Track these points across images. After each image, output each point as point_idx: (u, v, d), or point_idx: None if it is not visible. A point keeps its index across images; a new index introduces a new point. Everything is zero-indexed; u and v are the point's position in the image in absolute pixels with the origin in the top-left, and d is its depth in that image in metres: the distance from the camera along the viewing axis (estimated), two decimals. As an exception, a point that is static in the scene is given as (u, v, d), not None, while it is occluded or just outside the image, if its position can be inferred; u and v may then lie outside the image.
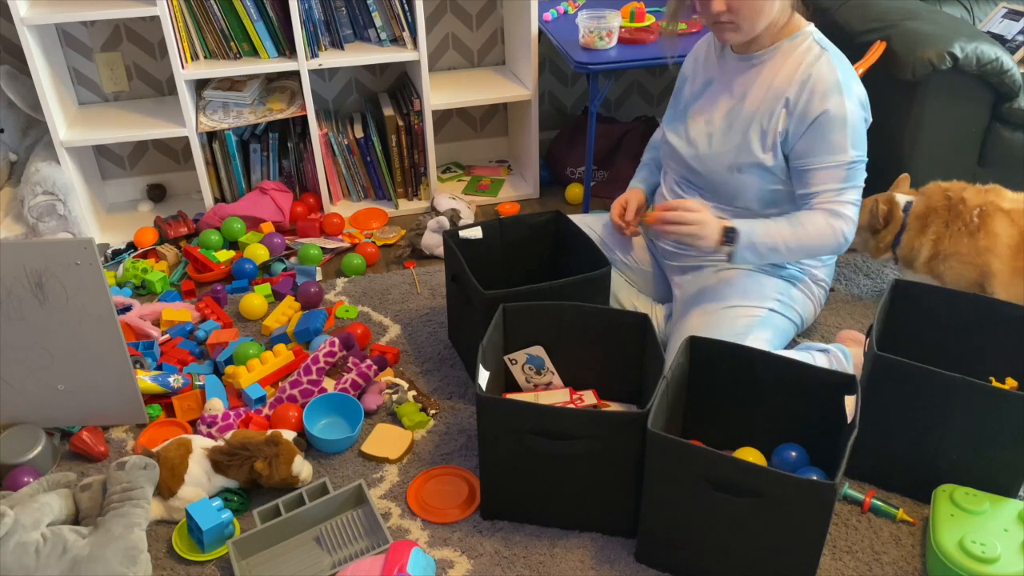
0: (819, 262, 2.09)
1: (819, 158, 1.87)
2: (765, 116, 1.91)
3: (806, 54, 1.88)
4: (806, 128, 1.86)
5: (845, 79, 1.85)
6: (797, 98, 1.86)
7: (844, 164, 1.86)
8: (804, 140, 1.87)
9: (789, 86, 1.88)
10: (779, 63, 1.91)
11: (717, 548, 1.56)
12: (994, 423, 1.64)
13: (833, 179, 1.87)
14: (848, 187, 1.88)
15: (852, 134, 1.85)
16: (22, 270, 1.75)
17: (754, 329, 1.96)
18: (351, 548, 1.69)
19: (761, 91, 1.92)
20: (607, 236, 2.25)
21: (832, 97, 1.83)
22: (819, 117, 1.84)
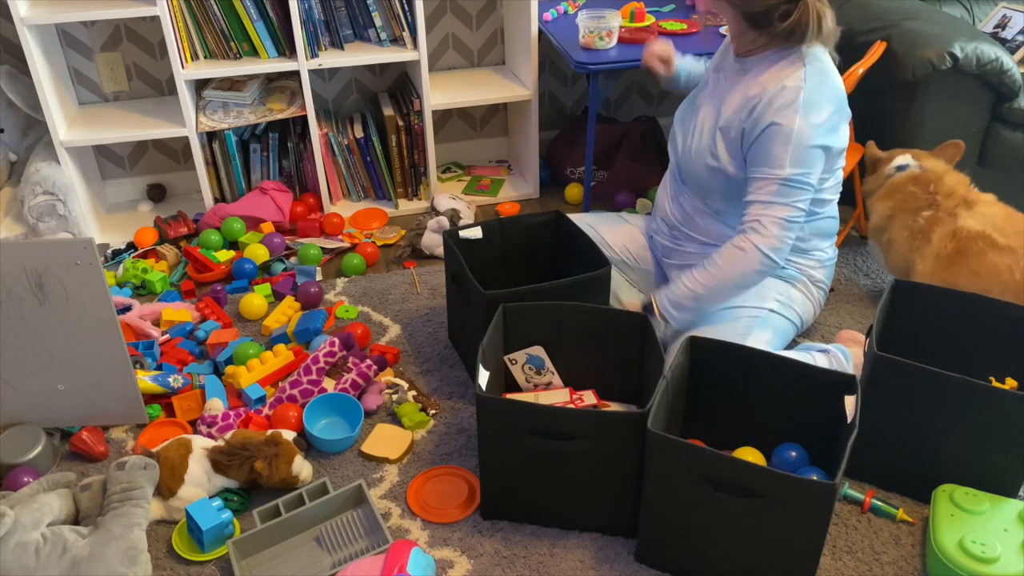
0: (817, 263, 2.09)
1: (758, 168, 1.86)
2: (734, 124, 1.91)
3: (785, 68, 1.85)
4: (755, 138, 1.85)
5: (810, 98, 1.81)
6: (759, 108, 1.85)
7: (778, 179, 1.83)
8: (752, 149, 1.87)
9: (758, 97, 1.86)
10: (760, 73, 1.89)
11: (717, 548, 1.56)
12: (994, 423, 1.64)
13: (765, 192, 1.85)
14: (778, 203, 1.84)
15: (795, 151, 1.81)
16: (22, 270, 1.75)
17: (754, 330, 1.97)
18: (351, 548, 1.69)
19: (738, 99, 1.91)
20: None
21: (785, 111, 1.81)
22: (767, 128, 1.83)
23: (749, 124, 1.86)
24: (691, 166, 2.03)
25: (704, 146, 1.98)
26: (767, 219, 1.84)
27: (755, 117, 1.85)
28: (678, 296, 1.93)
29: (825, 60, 1.88)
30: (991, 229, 2.09)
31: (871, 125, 2.62)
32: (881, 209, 2.28)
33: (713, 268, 1.90)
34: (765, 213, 1.85)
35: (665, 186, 2.21)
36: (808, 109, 1.81)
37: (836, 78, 1.89)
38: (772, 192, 1.84)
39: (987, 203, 2.16)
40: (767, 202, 1.85)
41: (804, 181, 1.84)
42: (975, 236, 2.09)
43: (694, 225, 2.10)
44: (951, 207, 2.14)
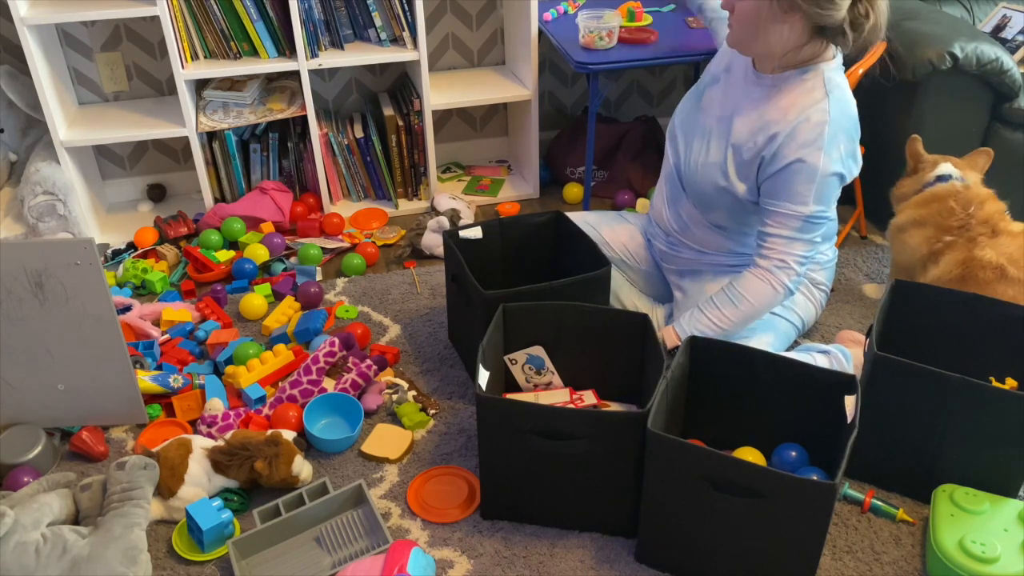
0: (817, 265, 2.09)
1: (780, 203, 1.85)
2: (748, 146, 1.89)
3: (807, 95, 1.82)
4: (777, 170, 1.84)
5: (833, 132, 1.80)
6: (780, 138, 1.82)
7: (801, 216, 1.83)
8: (772, 180, 1.86)
9: (779, 124, 1.83)
10: (778, 96, 1.85)
11: (717, 548, 1.56)
12: (994, 423, 1.64)
13: (787, 227, 1.85)
14: (799, 239, 1.85)
15: (818, 189, 1.81)
16: (22, 270, 1.75)
17: (756, 332, 1.97)
18: (351, 548, 1.69)
19: (754, 118, 1.88)
20: None
21: (809, 148, 1.79)
22: (791, 164, 1.81)
23: (768, 154, 1.84)
24: (697, 179, 2.00)
25: (713, 162, 1.95)
26: (790, 258, 1.86)
27: (777, 149, 1.82)
28: (702, 329, 1.92)
29: (843, 85, 1.86)
30: (1006, 260, 2.04)
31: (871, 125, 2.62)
32: (913, 214, 2.19)
33: (742, 304, 1.90)
34: (788, 251, 1.86)
35: (661, 191, 2.18)
36: (831, 145, 1.80)
37: (853, 104, 1.87)
38: (795, 228, 1.84)
39: (1011, 234, 2.10)
40: (790, 238, 1.85)
41: (825, 216, 1.86)
42: (986, 265, 2.03)
43: (691, 235, 2.10)
44: (976, 235, 2.08)
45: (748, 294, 1.89)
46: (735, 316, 1.90)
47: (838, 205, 2.05)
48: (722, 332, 1.92)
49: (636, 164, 3.02)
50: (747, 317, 1.91)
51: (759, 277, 1.88)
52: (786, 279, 1.87)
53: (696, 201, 2.04)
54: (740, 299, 1.90)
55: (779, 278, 1.87)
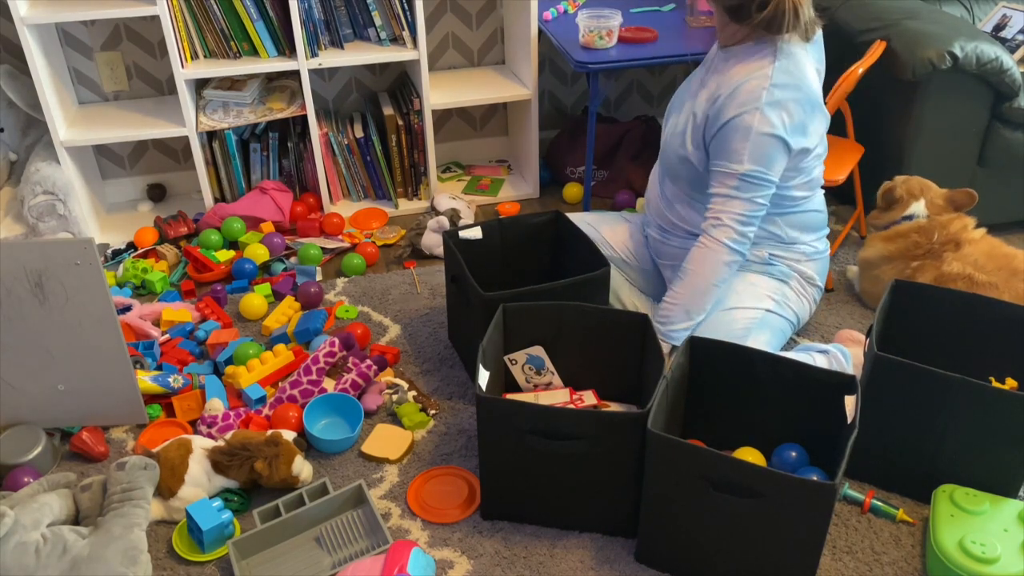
0: (802, 255, 2.09)
1: (718, 161, 1.88)
2: (699, 114, 1.93)
3: (756, 62, 1.86)
4: (716, 130, 1.87)
5: (774, 95, 1.82)
6: (723, 99, 1.86)
7: (736, 173, 1.85)
8: (714, 141, 1.89)
9: (725, 87, 1.87)
10: (732, 67, 1.89)
11: (717, 548, 1.56)
12: (994, 423, 1.64)
13: (725, 185, 1.87)
14: (737, 197, 1.87)
15: (753, 147, 1.83)
16: (22, 270, 1.75)
17: (753, 331, 1.97)
18: (351, 548, 1.69)
19: (709, 90, 1.93)
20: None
21: (746, 107, 1.82)
22: (728, 122, 1.84)
23: (712, 114, 1.88)
24: (667, 151, 2.06)
25: (678, 131, 2.00)
26: (726, 215, 1.88)
27: (718, 108, 1.86)
28: (667, 314, 1.96)
29: (799, 58, 1.87)
30: (972, 268, 2.16)
31: (871, 125, 2.62)
32: (881, 248, 2.32)
33: (686, 275, 1.94)
34: (725, 209, 1.88)
35: (653, 176, 2.22)
36: (771, 107, 1.82)
37: (807, 77, 1.88)
38: (732, 187, 1.87)
39: (973, 242, 2.21)
40: (727, 196, 1.88)
41: (763, 177, 1.86)
42: (955, 278, 2.15)
43: (675, 211, 2.11)
44: (941, 252, 2.21)
45: (691, 264, 1.93)
46: (684, 289, 1.94)
47: (838, 205, 2.06)
48: (682, 309, 1.94)
49: (636, 164, 3.02)
50: (697, 286, 1.93)
51: (698, 245, 1.93)
52: (723, 237, 1.88)
53: (668, 172, 2.09)
54: (684, 272, 1.94)
55: (716, 237, 1.89)
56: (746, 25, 1.85)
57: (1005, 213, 2.70)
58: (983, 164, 2.59)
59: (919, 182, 2.33)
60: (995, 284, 2.12)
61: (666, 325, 1.96)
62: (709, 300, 1.95)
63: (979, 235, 2.23)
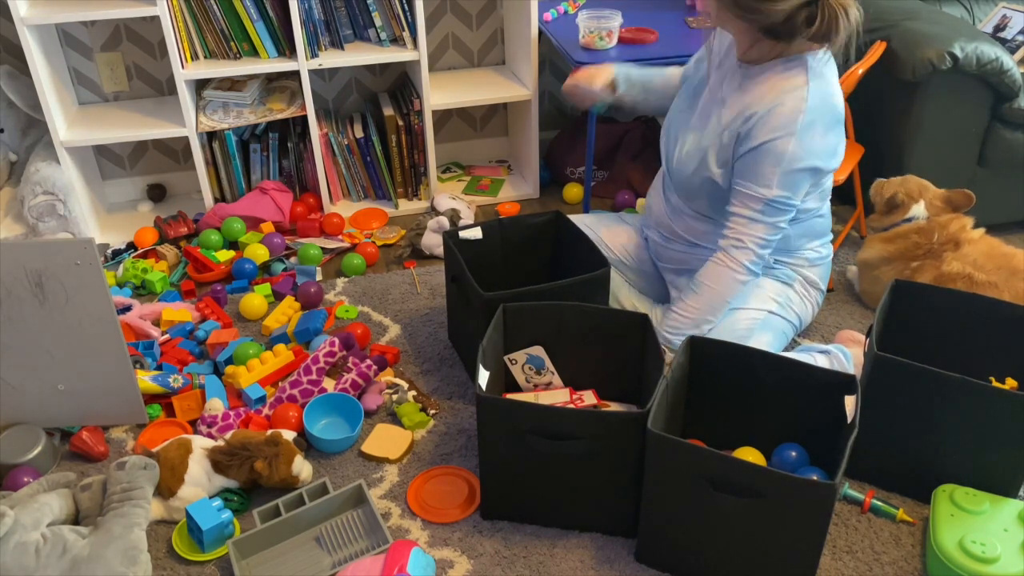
0: (806, 261, 2.09)
1: (745, 183, 1.85)
2: (727, 134, 1.89)
3: (788, 81, 1.81)
4: (746, 151, 1.84)
5: (809, 120, 1.78)
6: (755, 119, 1.82)
7: (764, 198, 1.83)
8: (742, 161, 1.86)
9: (757, 106, 1.83)
10: (762, 86, 1.84)
11: (717, 548, 1.56)
12: (994, 423, 1.64)
13: (749, 208, 1.85)
14: (761, 221, 1.85)
15: (784, 174, 1.81)
16: (22, 270, 1.75)
17: (755, 332, 1.97)
18: (351, 548, 1.69)
19: (736, 108, 1.88)
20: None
21: (780, 132, 1.78)
22: (760, 145, 1.81)
23: (744, 133, 1.84)
24: (681, 168, 2.02)
25: (695, 149, 1.96)
26: (748, 238, 1.87)
27: (751, 130, 1.82)
28: (677, 326, 1.95)
29: (829, 76, 1.84)
30: (972, 268, 2.16)
31: (871, 125, 2.62)
32: (881, 249, 2.32)
33: (702, 290, 1.93)
34: (747, 232, 1.87)
35: (656, 184, 2.21)
36: (804, 133, 1.78)
37: (838, 97, 1.86)
38: (757, 210, 1.85)
39: (973, 242, 2.22)
40: (751, 219, 1.86)
41: (789, 203, 1.85)
42: (955, 277, 2.16)
43: (681, 223, 2.10)
44: (941, 252, 2.21)
45: (707, 280, 1.92)
46: (699, 304, 1.93)
47: (838, 205, 2.07)
48: (693, 323, 1.94)
49: (636, 164, 3.02)
50: (712, 303, 1.92)
51: (716, 262, 1.91)
52: (744, 259, 1.88)
53: (679, 189, 2.06)
54: (700, 286, 1.93)
55: (736, 258, 1.88)
56: (788, 43, 1.79)
57: (1005, 213, 2.70)
58: (983, 164, 2.59)
59: (917, 183, 2.33)
60: (995, 283, 2.12)
61: (675, 335, 1.95)
62: (720, 314, 1.96)
63: (978, 235, 2.24)
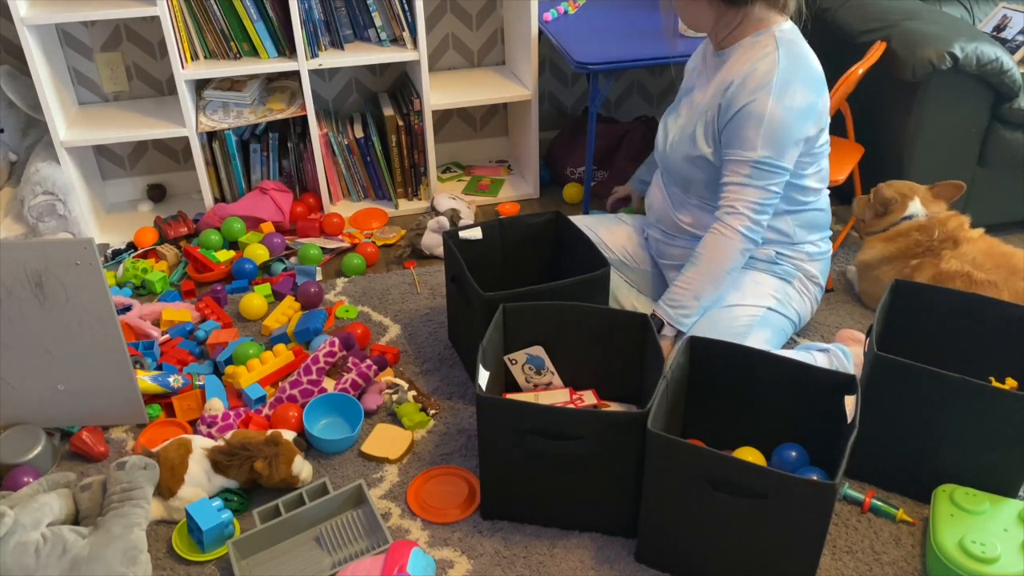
0: (806, 256, 2.09)
1: (731, 150, 1.87)
2: (711, 110, 1.93)
3: (759, 51, 1.87)
4: (727, 120, 1.87)
5: (784, 79, 1.82)
6: (733, 87, 1.86)
7: (749, 161, 1.84)
8: (725, 131, 1.89)
9: (732, 76, 1.88)
10: (735, 60, 1.90)
11: (717, 548, 1.56)
12: (994, 423, 1.64)
13: (738, 173, 1.87)
14: (750, 185, 1.86)
15: (767, 134, 1.82)
16: (22, 270, 1.75)
17: (753, 329, 1.97)
18: (351, 548, 1.69)
19: (715, 85, 1.93)
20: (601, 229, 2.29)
21: (758, 93, 1.82)
22: (740, 110, 1.84)
23: (724, 104, 1.88)
24: (672, 156, 2.05)
25: (685, 135, 2.00)
26: (740, 203, 1.88)
27: (729, 98, 1.86)
28: (678, 299, 1.95)
29: (800, 42, 1.90)
30: (971, 267, 2.17)
31: (871, 125, 2.62)
32: (881, 249, 2.33)
33: (699, 261, 1.93)
34: (739, 197, 1.87)
35: (657, 180, 2.23)
36: (781, 91, 1.82)
37: (812, 60, 1.90)
38: (745, 175, 1.86)
39: (971, 240, 2.22)
40: (741, 184, 1.87)
41: (777, 164, 1.85)
42: (954, 276, 2.16)
43: (682, 217, 2.11)
44: (940, 250, 2.22)
45: (704, 250, 1.93)
46: (696, 274, 1.93)
47: (838, 205, 2.07)
48: (692, 293, 1.93)
49: (636, 164, 3.01)
50: (709, 273, 1.92)
51: (712, 232, 1.92)
52: (738, 225, 1.88)
53: (675, 179, 2.08)
54: (697, 257, 1.94)
55: (730, 224, 1.88)
56: (744, 9, 1.85)
57: (1005, 213, 2.70)
58: (983, 164, 2.59)
59: (904, 184, 2.35)
60: (994, 282, 2.12)
61: (676, 309, 1.95)
62: (720, 287, 1.95)
63: (977, 234, 2.24)
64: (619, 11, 2.90)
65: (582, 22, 2.84)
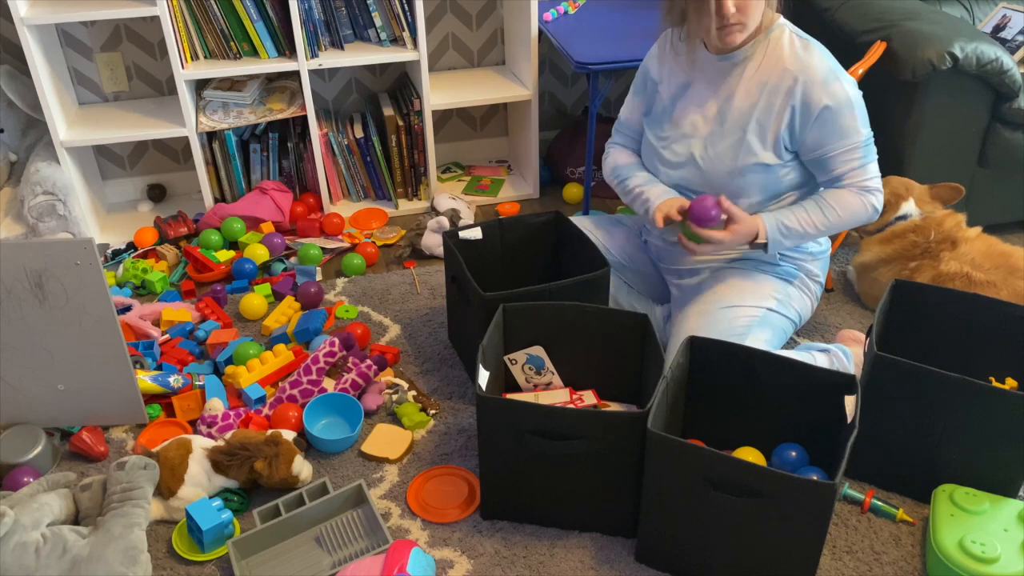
0: (810, 256, 2.09)
1: (834, 144, 1.89)
2: (763, 113, 1.90)
3: (790, 46, 1.89)
4: (813, 120, 1.87)
5: (835, 65, 1.89)
6: (797, 93, 1.86)
7: (859, 144, 1.89)
8: (813, 131, 1.89)
9: (783, 81, 1.87)
10: (762, 58, 1.90)
11: (717, 548, 1.56)
12: (994, 423, 1.64)
13: (853, 160, 1.90)
14: (869, 163, 1.92)
15: (860, 114, 1.89)
16: (22, 270, 1.75)
17: (753, 329, 1.96)
18: (351, 548, 1.69)
19: (752, 88, 1.91)
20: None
21: (832, 85, 1.85)
22: (825, 107, 1.85)
23: (799, 107, 1.87)
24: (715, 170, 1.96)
25: (729, 147, 1.94)
26: (870, 182, 1.92)
27: (804, 100, 1.87)
28: (791, 228, 1.92)
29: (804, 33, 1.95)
30: (970, 267, 2.17)
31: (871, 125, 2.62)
32: (878, 251, 2.34)
33: (829, 212, 1.92)
34: (866, 177, 1.91)
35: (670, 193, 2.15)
36: (840, 73, 1.88)
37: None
38: (860, 157, 1.90)
39: (969, 240, 2.22)
40: (860, 167, 1.91)
41: (871, 133, 1.92)
42: (953, 277, 2.16)
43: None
44: (938, 252, 2.22)
45: (839, 205, 1.92)
46: (821, 223, 1.93)
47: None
48: (806, 234, 1.94)
49: (636, 164, 3.02)
50: (832, 227, 1.94)
51: (854, 193, 1.92)
52: (874, 200, 1.93)
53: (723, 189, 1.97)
54: (829, 208, 1.93)
55: (868, 200, 1.92)
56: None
57: (1005, 213, 2.70)
58: (983, 164, 2.59)
59: (900, 182, 2.35)
60: (993, 282, 2.12)
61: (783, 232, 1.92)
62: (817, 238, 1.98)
63: (975, 233, 2.24)
64: (619, 11, 2.90)
65: (582, 22, 2.84)
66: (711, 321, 1.96)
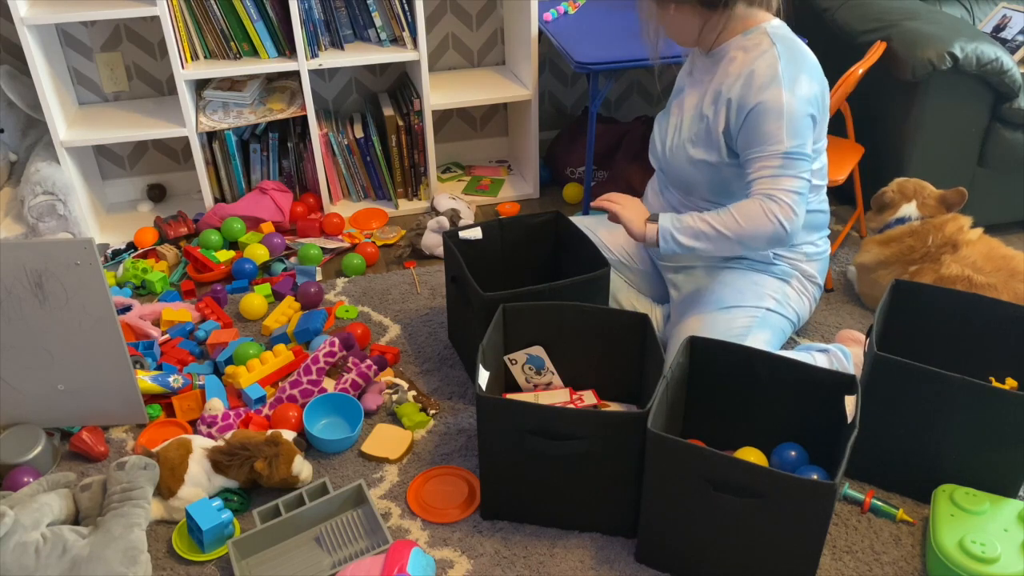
0: (804, 256, 2.08)
1: (755, 148, 1.85)
2: (709, 113, 1.93)
3: (754, 50, 1.88)
4: (743, 121, 1.86)
5: (788, 72, 1.83)
6: (736, 94, 1.86)
7: (779, 153, 1.82)
8: (743, 133, 1.87)
9: (732, 83, 1.88)
10: (729, 60, 1.91)
11: (717, 548, 1.56)
12: (994, 423, 1.64)
13: (768, 167, 1.83)
14: (785, 175, 1.82)
15: (789, 124, 1.81)
16: (22, 270, 1.75)
17: (753, 330, 1.97)
18: (351, 548, 1.69)
19: (711, 88, 1.93)
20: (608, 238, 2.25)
21: (768, 89, 1.82)
22: (754, 108, 1.83)
23: (733, 106, 1.87)
24: (673, 162, 2.04)
25: (684, 139, 1.99)
26: (779, 192, 1.82)
27: (738, 101, 1.85)
28: (686, 225, 1.86)
29: (790, 34, 1.91)
30: (971, 270, 2.16)
31: (871, 125, 2.62)
32: (877, 253, 2.33)
33: (728, 218, 1.83)
34: (776, 187, 1.82)
35: (653, 183, 2.22)
36: (792, 83, 1.83)
37: (809, 51, 1.91)
38: (776, 166, 1.83)
39: (971, 243, 2.22)
40: (774, 175, 1.83)
41: (803, 152, 1.84)
42: (955, 280, 2.16)
43: None
44: (939, 255, 2.22)
45: (739, 213, 1.83)
46: (721, 226, 1.83)
47: (838, 205, 2.06)
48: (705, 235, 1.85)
49: (636, 164, 3.02)
50: (733, 233, 1.83)
51: (758, 200, 1.83)
52: (777, 211, 1.80)
53: (676, 184, 2.07)
54: (728, 214, 1.84)
55: (770, 209, 1.81)
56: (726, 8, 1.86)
57: (1005, 213, 2.70)
58: (983, 164, 2.59)
59: (914, 184, 2.34)
60: (994, 285, 2.12)
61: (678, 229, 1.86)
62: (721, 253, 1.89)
63: (976, 236, 2.24)
64: (619, 11, 2.90)
65: (582, 22, 2.84)
66: (710, 323, 1.96)
